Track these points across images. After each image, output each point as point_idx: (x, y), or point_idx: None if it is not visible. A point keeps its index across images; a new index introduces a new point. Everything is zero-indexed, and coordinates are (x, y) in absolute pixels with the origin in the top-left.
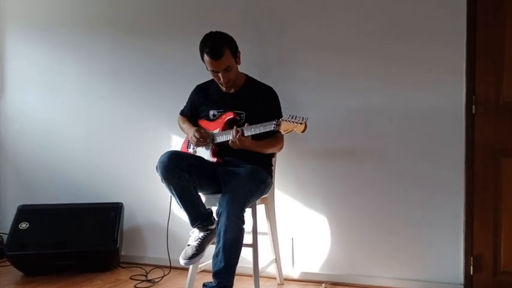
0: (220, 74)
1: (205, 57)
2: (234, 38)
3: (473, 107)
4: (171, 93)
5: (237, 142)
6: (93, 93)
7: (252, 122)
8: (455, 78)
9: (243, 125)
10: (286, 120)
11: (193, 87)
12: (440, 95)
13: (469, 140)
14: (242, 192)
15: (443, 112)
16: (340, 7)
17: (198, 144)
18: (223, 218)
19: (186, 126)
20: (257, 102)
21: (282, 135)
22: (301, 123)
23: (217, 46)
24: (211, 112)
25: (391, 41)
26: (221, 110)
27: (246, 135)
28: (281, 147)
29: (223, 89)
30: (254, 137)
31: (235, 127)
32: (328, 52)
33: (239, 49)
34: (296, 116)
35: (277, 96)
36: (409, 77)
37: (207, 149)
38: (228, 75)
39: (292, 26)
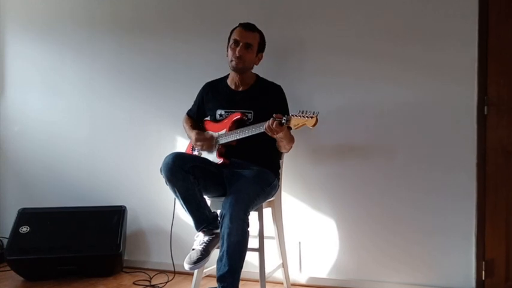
0: (238, 47)
1: (236, 29)
2: None
3: (486, 107)
4: (176, 94)
5: (275, 131)
6: (96, 94)
7: (260, 120)
8: (467, 79)
9: (249, 124)
10: (296, 116)
11: (198, 87)
12: (452, 95)
13: (481, 141)
14: (246, 194)
15: (455, 113)
16: (352, 8)
17: (197, 145)
18: (226, 221)
19: (188, 128)
20: (265, 100)
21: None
22: (312, 117)
23: (253, 25)
24: (219, 112)
25: (402, 42)
26: (228, 110)
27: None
28: (291, 147)
29: (232, 66)
30: (264, 134)
31: (272, 120)
32: (339, 53)
33: (263, 53)
34: (306, 111)
35: (284, 95)
36: (420, 77)
37: (212, 151)
38: (244, 53)
39: (301, 27)
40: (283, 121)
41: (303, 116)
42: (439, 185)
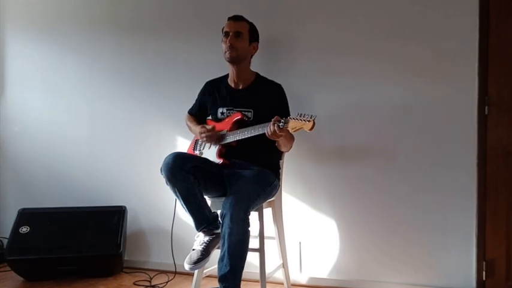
0: (228, 38)
1: (226, 23)
2: None
3: (486, 107)
4: (176, 94)
5: (277, 134)
6: (96, 94)
7: (260, 119)
8: (467, 79)
9: (251, 124)
10: (293, 119)
11: (198, 87)
12: (453, 95)
13: (481, 141)
14: (247, 194)
15: (456, 113)
16: (352, 8)
17: (207, 140)
18: (227, 220)
19: (193, 125)
20: (265, 99)
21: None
22: (309, 121)
23: (240, 16)
24: (220, 110)
25: (402, 42)
26: (230, 108)
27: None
28: (292, 146)
29: (226, 57)
30: (263, 135)
31: (273, 123)
32: (339, 53)
33: (258, 43)
34: (304, 114)
35: (284, 93)
36: (420, 77)
37: (217, 143)
38: (235, 41)
39: (301, 27)
40: (281, 124)
41: (301, 120)
42: (439, 185)
